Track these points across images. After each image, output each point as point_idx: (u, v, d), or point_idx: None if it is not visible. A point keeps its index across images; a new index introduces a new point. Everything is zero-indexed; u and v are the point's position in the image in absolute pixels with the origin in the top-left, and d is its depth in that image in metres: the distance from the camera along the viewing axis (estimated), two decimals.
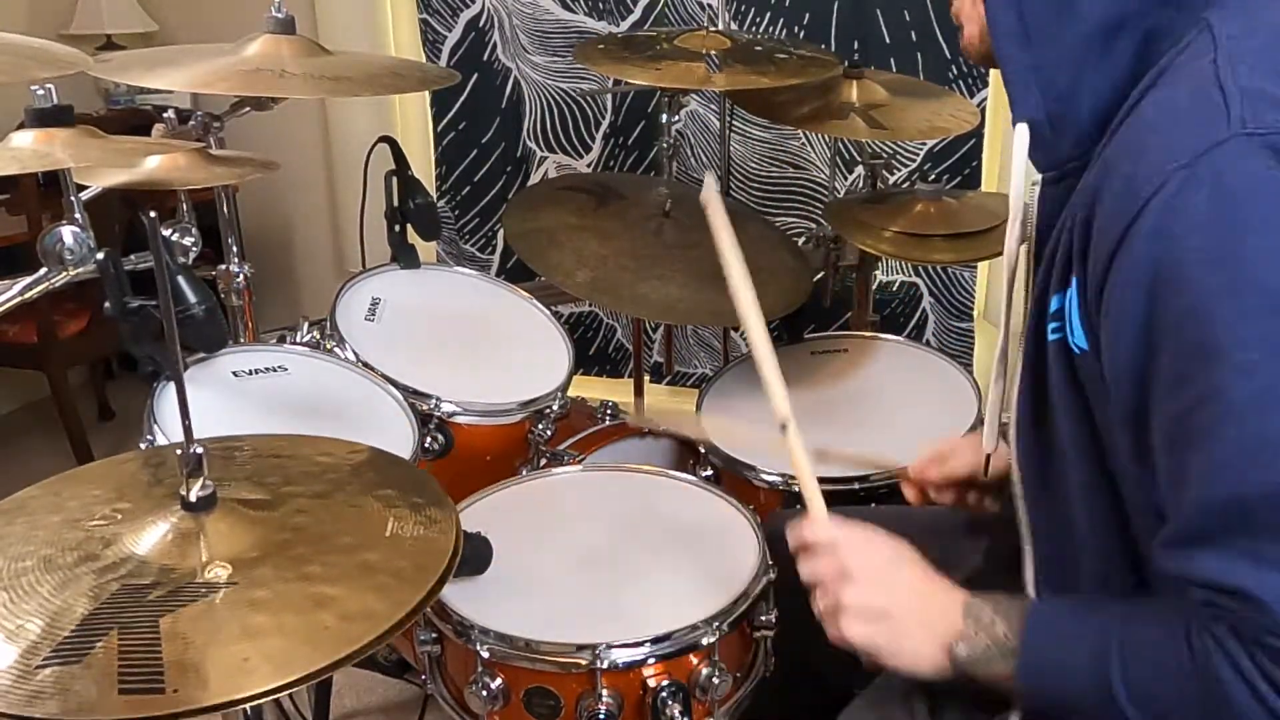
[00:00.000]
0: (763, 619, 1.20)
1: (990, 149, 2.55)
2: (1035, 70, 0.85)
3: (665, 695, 1.11)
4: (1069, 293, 0.82)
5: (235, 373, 1.41)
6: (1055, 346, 0.85)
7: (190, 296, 1.17)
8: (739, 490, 1.44)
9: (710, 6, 2.62)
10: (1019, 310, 0.95)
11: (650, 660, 1.11)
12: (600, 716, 1.09)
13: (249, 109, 1.47)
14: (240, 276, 1.59)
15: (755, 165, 2.72)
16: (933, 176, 2.54)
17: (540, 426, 1.54)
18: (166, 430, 1.26)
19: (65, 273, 1.12)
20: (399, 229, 1.65)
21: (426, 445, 1.43)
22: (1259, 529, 0.70)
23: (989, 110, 2.49)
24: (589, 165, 2.89)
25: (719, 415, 1.63)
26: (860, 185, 2.56)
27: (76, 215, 1.13)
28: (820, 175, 2.69)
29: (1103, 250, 0.76)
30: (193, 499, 0.90)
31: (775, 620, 1.21)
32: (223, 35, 1.50)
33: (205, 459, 0.90)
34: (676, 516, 1.33)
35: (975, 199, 1.87)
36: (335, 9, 2.92)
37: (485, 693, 1.11)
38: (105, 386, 3.23)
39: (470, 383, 1.52)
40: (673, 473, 1.43)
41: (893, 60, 2.52)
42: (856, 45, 2.53)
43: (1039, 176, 0.92)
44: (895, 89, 1.84)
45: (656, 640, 1.11)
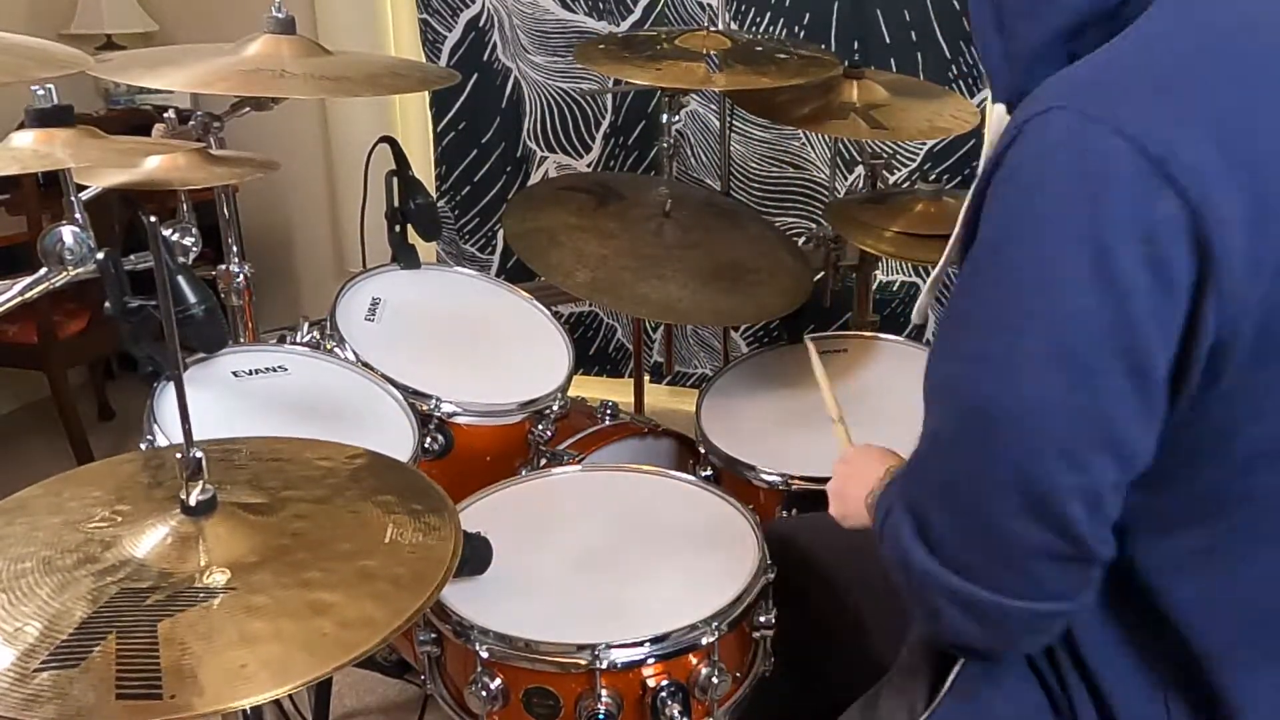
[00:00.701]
0: (762, 619, 1.20)
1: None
2: (1007, 58, 0.90)
3: (665, 695, 1.11)
4: None
5: (235, 373, 1.41)
6: None
7: (190, 296, 1.17)
8: (739, 490, 1.44)
9: (710, 6, 2.61)
10: None
11: (650, 660, 1.11)
12: (600, 716, 1.09)
13: (249, 109, 1.47)
14: (240, 276, 1.59)
15: (755, 165, 2.72)
16: (933, 176, 2.54)
17: (540, 427, 1.54)
18: (167, 431, 1.26)
19: (65, 273, 1.11)
20: (399, 229, 1.65)
21: (426, 445, 1.43)
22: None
23: (989, 110, 2.49)
24: (589, 165, 2.89)
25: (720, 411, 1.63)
26: (860, 185, 2.56)
27: (76, 215, 1.13)
28: (820, 175, 2.68)
29: None
30: (192, 503, 0.90)
31: (775, 620, 1.21)
32: (223, 35, 1.50)
33: (205, 463, 0.90)
34: (676, 516, 1.33)
35: None
36: (335, 9, 2.92)
37: (485, 693, 1.11)
38: (105, 386, 3.23)
39: (470, 383, 1.52)
40: (672, 473, 1.43)
41: (893, 60, 2.52)
42: (857, 45, 2.52)
43: None
44: (895, 89, 1.84)
45: (656, 640, 1.11)
